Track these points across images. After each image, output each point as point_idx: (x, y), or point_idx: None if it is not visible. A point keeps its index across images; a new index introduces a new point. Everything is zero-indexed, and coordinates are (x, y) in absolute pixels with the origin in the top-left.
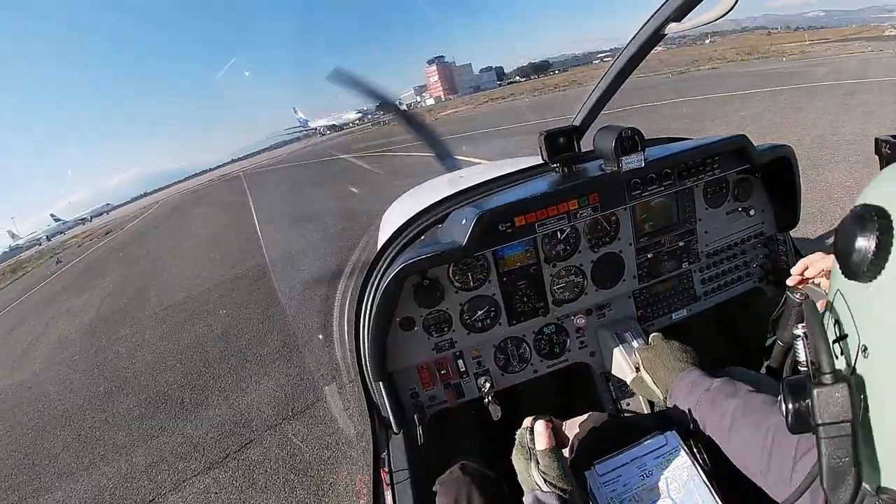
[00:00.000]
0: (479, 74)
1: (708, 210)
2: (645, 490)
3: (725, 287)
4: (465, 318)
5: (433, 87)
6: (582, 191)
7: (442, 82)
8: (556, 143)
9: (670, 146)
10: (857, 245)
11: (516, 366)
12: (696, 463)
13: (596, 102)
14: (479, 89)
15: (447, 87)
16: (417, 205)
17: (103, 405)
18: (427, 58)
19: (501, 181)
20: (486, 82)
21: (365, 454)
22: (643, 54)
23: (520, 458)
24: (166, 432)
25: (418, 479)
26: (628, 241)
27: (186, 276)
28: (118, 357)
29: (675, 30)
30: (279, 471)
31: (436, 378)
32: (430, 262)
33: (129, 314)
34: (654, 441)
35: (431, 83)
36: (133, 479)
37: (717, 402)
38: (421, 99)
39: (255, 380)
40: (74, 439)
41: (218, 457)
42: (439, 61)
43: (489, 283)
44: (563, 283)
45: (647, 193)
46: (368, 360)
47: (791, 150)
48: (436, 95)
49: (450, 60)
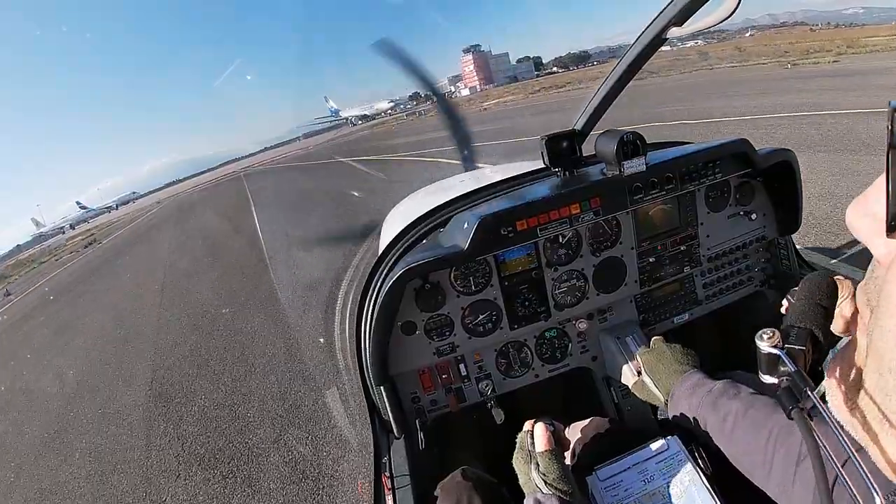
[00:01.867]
0: (516, 64)
1: (710, 214)
2: (647, 495)
3: (727, 291)
4: (467, 323)
5: (468, 76)
6: (584, 195)
7: (478, 71)
8: (558, 147)
9: (672, 150)
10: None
11: (518, 370)
12: (698, 468)
13: (598, 107)
14: (516, 79)
15: (483, 76)
16: (419, 209)
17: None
18: (461, 47)
19: (503, 185)
20: (523, 72)
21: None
22: (644, 59)
23: (520, 461)
24: None
25: (419, 483)
26: (630, 245)
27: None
28: None
29: (676, 34)
30: None
31: (437, 382)
32: (431, 266)
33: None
34: (656, 446)
35: (466, 73)
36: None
37: (719, 403)
38: (455, 89)
39: None
40: None
41: None
42: (475, 50)
43: (491, 288)
44: (564, 288)
45: (648, 198)
46: (370, 365)
47: (793, 154)
48: (471, 85)
49: (486, 49)
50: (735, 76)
